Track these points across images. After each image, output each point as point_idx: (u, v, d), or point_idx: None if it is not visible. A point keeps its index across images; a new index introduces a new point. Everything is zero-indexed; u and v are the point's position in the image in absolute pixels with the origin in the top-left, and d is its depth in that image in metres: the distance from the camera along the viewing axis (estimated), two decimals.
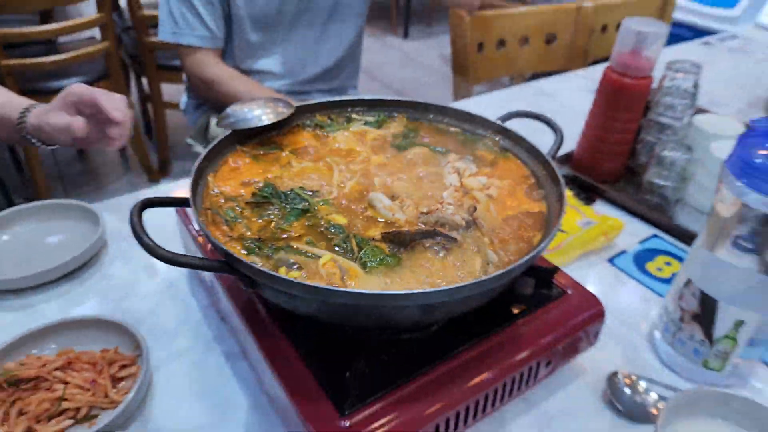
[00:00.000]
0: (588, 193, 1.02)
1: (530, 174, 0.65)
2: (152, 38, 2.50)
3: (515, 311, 0.60)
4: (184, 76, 1.55)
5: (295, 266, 0.49)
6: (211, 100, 1.47)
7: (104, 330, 0.68)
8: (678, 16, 2.78)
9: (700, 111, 1.25)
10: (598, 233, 0.87)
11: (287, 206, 0.56)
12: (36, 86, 2.35)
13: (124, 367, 0.65)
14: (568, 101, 1.41)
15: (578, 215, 0.91)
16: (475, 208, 0.54)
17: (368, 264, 0.49)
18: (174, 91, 2.93)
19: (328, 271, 0.48)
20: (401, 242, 0.51)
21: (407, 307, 0.45)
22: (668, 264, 0.87)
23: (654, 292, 0.81)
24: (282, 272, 0.47)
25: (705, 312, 0.63)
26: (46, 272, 0.76)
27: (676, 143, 0.93)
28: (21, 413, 0.58)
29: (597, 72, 1.49)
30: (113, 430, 0.57)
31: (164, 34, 1.33)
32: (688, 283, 0.64)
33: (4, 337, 0.65)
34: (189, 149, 1.59)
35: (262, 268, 0.44)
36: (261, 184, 0.60)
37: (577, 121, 1.07)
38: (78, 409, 0.60)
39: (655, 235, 0.93)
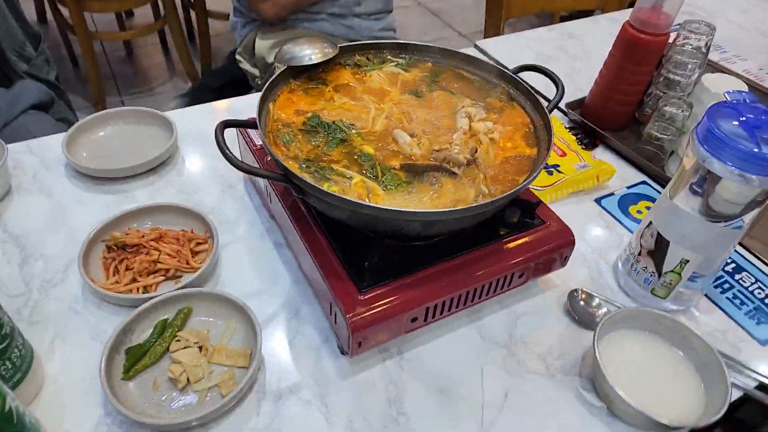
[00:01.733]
0: (591, 139, 1.14)
1: (530, 122, 0.78)
2: None
3: (501, 232, 0.76)
4: None
5: (334, 184, 0.65)
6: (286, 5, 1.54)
7: (183, 215, 0.88)
8: None
9: (715, 67, 1.32)
10: (590, 175, 1.01)
11: (329, 135, 0.72)
12: None
13: (199, 243, 0.85)
14: (592, 45, 1.47)
15: (577, 159, 1.04)
16: (476, 150, 0.68)
17: (388, 186, 0.65)
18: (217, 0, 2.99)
19: (358, 189, 0.65)
20: (415, 172, 0.67)
21: (413, 222, 0.61)
22: (648, 209, 1.01)
23: (628, 230, 0.96)
24: (325, 186, 0.64)
25: (658, 249, 0.78)
26: (137, 166, 0.95)
27: (679, 99, 1.03)
28: (127, 268, 0.78)
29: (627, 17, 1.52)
30: (193, 286, 0.78)
31: None
32: (649, 224, 0.79)
33: (107, 214, 0.85)
34: (230, 57, 1.74)
35: (312, 183, 0.61)
36: (309, 115, 0.75)
37: (599, 67, 1.15)
38: (168, 270, 0.80)
39: (644, 182, 1.06)
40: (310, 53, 0.80)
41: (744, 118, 0.66)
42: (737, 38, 1.55)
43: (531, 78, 0.84)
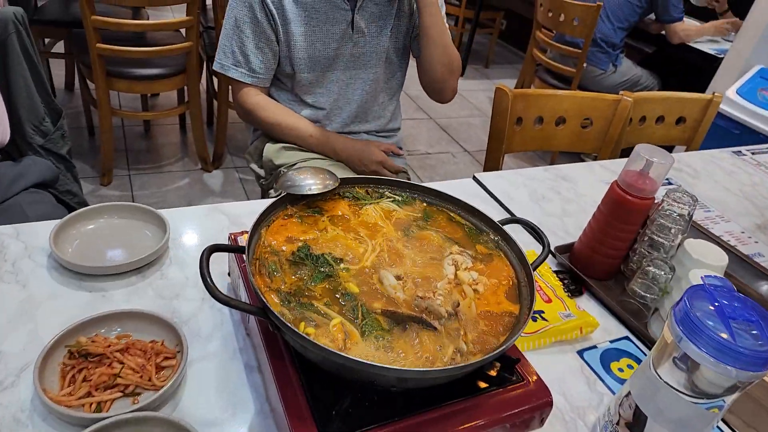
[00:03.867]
0: (577, 285, 1.15)
1: (515, 276, 0.79)
2: None
3: (481, 385, 0.74)
4: None
5: (313, 323, 0.65)
6: (253, 124, 1.70)
7: (156, 324, 0.85)
8: (730, 112, 2.85)
9: (699, 229, 1.37)
10: (574, 326, 1.00)
11: (316, 269, 0.73)
12: (121, 71, 2.61)
13: (166, 358, 0.82)
14: (584, 190, 1.54)
15: (561, 307, 1.04)
16: (458, 304, 0.68)
17: (366, 332, 0.65)
18: None
19: (336, 332, 0.64)
20: (396, 320, 0.67)
21: (386, 376, 0.60)
22: (630, 367, 0.99)
23: (609, 390, 0.93)
24: (301, 327, 0.63)
25: (636, 424, 0.75)
26: (122, 265, 0.94)
27: (662, 261, 1.05)
28: (85, 380, 0.75)
29: (621, 165, 1.62)
30: (150, 408, 0.74)
31: (216, 62, 1.53)
32: (628, 394, 0.77)
33: (78, 314, 0.83)
34: (242, 147, 1.82)
35: (288, 323, 0.60)
36: (300, 245, 0.76)
37: (590, 211, 1.19)
38: (127, 386, 0.76)
39: (626, 337, 1.05)
40: (311, 183, 0.84)
41: (719, 306, 0.67)
42: (723, 199, 1.63)
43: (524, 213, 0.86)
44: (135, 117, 3.31)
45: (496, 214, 0.86)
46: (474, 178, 1.51)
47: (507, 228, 0.86)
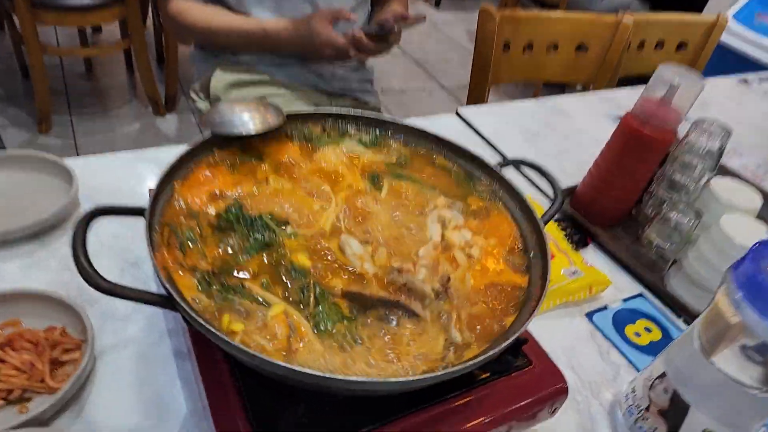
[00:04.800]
0: (581, 235, 0.98)
1: (518, 236, 0.60)
2: None
3: (478, 375, 0.57)
4: None
5: (242, 314, 0.45)
6: (181, 39, 1.41)
7: (54, 307, 0.66)
8: (727, 40, 2.63)
9: (721, 169, 1.20)
10: (582, 286, 0.84)
11: (250, 236, 0.52)
12: (48, 1, 2.26)
13: (67, 350, 0.63)
14: (585, 125, 1.35)
15: (566, 262, 0.87)
16: (448, 279, 0.50)
17: (321, 325, 0.46)
18: None
19: (277, 325, 0.45)
20: (363, 304, 0.48)
21: (350, 389, 0.42)
22: (648, 330, 0.84)
23: (627, 359, 0.78)
24: (224, 322, 0.44)
25: (674, 411, 0.60)
26: (9, 232, 0.73)
27: (686, 205, 0.88)
28: None
29: (623, 98, 1.40)
30: (43, 419, 0.56)
31: None
32: (663, 375, 0.61)
33: None
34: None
35: (199, 318, 0.41)
36: (229, 203, 0.55)
37: (591, 150, 1.01)
38: (11, 391, 0.58)
39: (640, 295, 0.89)
40: (246, 120, 0.62)
41: None
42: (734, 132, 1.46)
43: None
44: (70, 54, 2.92)
45: (487, 157, 0.66)
46: (457, 113, 1.30)
47: (505, 173, 0.66)
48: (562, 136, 1.29)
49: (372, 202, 0.60)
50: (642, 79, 1.05)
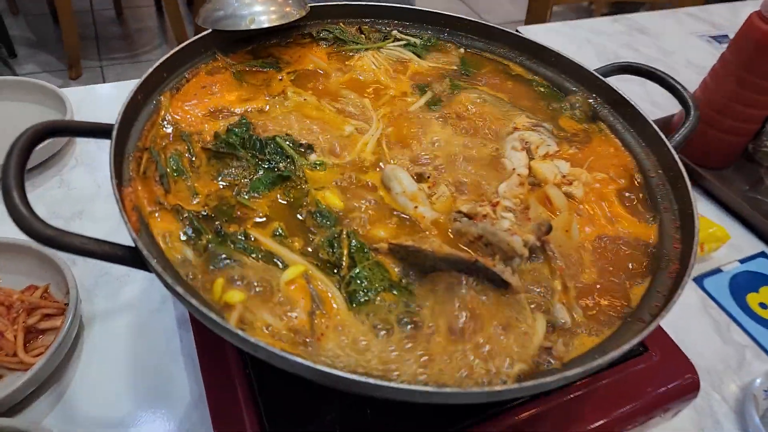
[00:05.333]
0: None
1: (637, 168, 0.42)
2: None
3: None
4: None
5: (241, 280, 0.30)
6: None
7: (37, 261, 0.54)
8: None
9: None
10: None
11: (260, 164, 0.37)
12: None
13: (48, 317, 0.51)
14: (672, 45, 1.12)
15: None
16: (549, 228, 0.33)
17: (358, 295, 0.30)
18: None
19: (294, 295, 0.30)
20: (418, 264, 0.32)
21: (404, 398, 0.26)
22: None
23: (752, 340, 0.60)
24: (216, 290, 0.29)
25: None
26: None
27: None
28: None
29: (720, 15, 1.16)
30: (12, 404, 0.44)
31: None
32: None
33: None
34: None
35: (176, 286, 0.26)
36: (233, 121, 0.40)
37: (684, 74, 0.82)
38: None
39: (763, 254, 0.70)
40: (260, 10, 0.45)
41: None
42: None
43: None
44: None
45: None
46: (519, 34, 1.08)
47: (611, 82, 0.48)
48: (646, 58, 1.08)
49: (427, 121, 0.43)
50: None
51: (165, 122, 0.40)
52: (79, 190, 0.66)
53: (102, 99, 0.79)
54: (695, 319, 0.62)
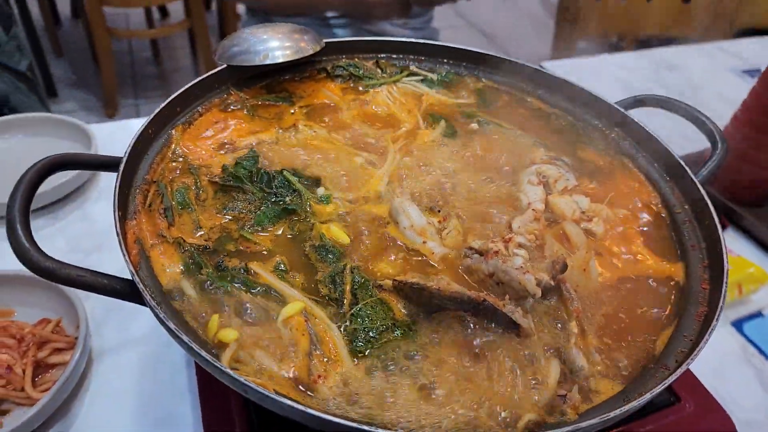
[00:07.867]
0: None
1: (662, 204, 0.40)
2: None
3: None
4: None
5: (243, 313, 0.29)
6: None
7: (51, 294, 0.54)
8: None
9: None
10: (729, 283, 0.61)
11: (267, 197, 0.36)
12: None
13: (57, 351, 0.51)
14: (702, 81, 1.09)
15: None
16: (564, 266, 0.31)
17: (360, 337, 0.29)
18: None
19: (291, 333, 0.28)
20: (424, 304, 0.30)
21: None
22: None
23: None
24: (211, 327, 0.28)
25: None
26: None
27: None
28: None
29: (750, 48, 1.14)
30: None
31: None
32: None
33: None
34: None
35: (168, 322, 0.25)
36: (243, 154, 0.40)
37: (716, 109, 0.79)
38: None
39: None
40: (275, 46, 0.46)
41: None
42: None
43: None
44: (134, 36, 2.98)
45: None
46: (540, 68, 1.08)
47: (632, 115, 0.46)
48: (676, 92, 1.05)
49: (440, 154, 0.42)
50: (761, 31, 0.82)
51: (175, 155, 0.40)
52: (101, 224, 0.67)
53: (131, 134, 0.81)
54: (734, 367, 0.57)
